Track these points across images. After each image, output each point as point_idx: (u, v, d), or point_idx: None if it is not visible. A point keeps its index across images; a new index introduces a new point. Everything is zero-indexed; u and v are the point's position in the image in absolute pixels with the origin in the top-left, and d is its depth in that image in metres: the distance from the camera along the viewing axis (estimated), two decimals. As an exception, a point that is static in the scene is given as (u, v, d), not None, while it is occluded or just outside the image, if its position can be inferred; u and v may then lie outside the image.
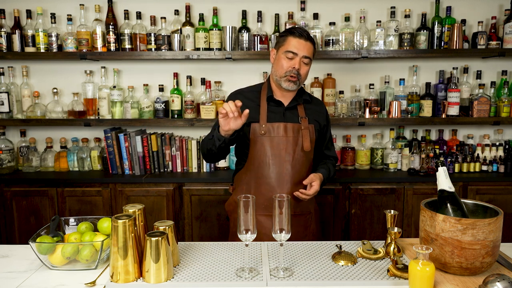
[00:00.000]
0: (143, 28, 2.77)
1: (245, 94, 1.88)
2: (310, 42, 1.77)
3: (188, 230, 2.65)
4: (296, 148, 1.79)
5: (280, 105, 1.85)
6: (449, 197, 1.32)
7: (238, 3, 2.84)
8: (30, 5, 2.79)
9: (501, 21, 2.77)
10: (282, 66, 1.78)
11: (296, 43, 1.75)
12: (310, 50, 1.78)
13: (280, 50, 1.80)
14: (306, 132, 1.81)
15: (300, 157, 1.80)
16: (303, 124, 1.82)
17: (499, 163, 2.75)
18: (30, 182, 2.62)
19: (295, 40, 1.75)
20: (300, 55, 1.75)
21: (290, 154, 1.78)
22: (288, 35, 1.78)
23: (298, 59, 1.75)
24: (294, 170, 1.78)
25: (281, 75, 1.78)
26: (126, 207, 1.33)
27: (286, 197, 1.25)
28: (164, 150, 2.79)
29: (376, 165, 2.84)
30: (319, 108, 1.95)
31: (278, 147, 1.77)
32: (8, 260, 1.42)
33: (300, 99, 1.88)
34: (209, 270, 1.31)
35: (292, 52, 1.75)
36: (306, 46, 1.76)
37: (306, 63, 1.79)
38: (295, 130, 1.80)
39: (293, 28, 1.80)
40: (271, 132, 1.78)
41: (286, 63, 1.77)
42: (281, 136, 1.78)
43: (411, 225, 2.62)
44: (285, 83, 1.78)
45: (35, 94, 2.80)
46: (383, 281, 1.24)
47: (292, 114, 1.84)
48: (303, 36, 1.75)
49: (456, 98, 2.74)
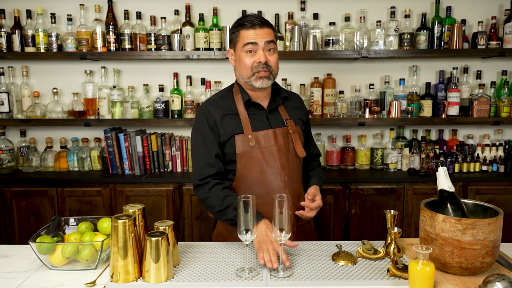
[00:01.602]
0: (143, 28, 2.77)
1: (218, 102, 1.63)
2: (267, 27, 1.52)
3: (188, 230, 2.65)
4: (290, 156, 1.59)
5: (261, 109, 1.62)
6: (449, 197, 1.32)
7: (238, 3, 2.84)
8: (30, 5, 2.79)
9: (501, 21, 2.77)
10: (245, 65, 1.54)
11: (252, 34, 1.51)
12: (270, 34, 1.53)
13: (237, 47, 1.56)
14: (296, 136, 1.62)
15: (294, 165, 1.61)
16: (291, 127, 1.62)
17: (499, 163, 2.75)
18: (30, 182, 2.62)
19: (250, 31, 1.51)
20: (260, 43, 1.51)
21: (285, 165, 1.57)
22: (240, 29, 1.54)
23: (260, 50, 1.51)
24: (291, 182, 1.58)
25: (249, 75, 1.54)
26: (126, 207, 1.33)
27: (286, 197, 1.24)
28: (164, 150, 2.79)
29: (376, 165, 2.84)
30: (298, 103, 1.75)
31: (272, 159, 1.55)
32: (8, 260, 1.42)
33: (279, 98, 1.66)
34: (209, 270, 1.31)
35: (251, 42, 1.51)
36: (263, 32, 1.51)
37: (272, 49, 1.54)
38: (284, 136, 1.59)
39: (242, 19, 1.55)
40: (260, 142, 1.55)
41: (249, 59, 1.53)
42: (272, 145, 1.56)
43: (411, 225, 2.62)
44: (257, 82, 1.54)
45: (35, 94, 2.80)
46: (383, 281, 1.24)
47: (275, 117, 1.63)
48: (256, 23, 1.51)
49: (456, 98, 2.74)
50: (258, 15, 1.57)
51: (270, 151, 1.56)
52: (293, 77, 2.89)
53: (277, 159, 1.56)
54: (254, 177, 1.56)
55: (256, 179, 1.56)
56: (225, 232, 1.64)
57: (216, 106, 1.62)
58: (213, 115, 1.60)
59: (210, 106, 1.63)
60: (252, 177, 1.56)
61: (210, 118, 1.60)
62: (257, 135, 1.56)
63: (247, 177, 1.57)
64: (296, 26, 2.68)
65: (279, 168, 1.56)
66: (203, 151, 1.59)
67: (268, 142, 1.56)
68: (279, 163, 1.56)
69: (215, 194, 1.53)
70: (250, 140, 1.55)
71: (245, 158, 1.56)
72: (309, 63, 2.92)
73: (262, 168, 1.55)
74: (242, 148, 1.55)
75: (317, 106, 2.78)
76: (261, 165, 1.55)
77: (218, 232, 1.69)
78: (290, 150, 1.60)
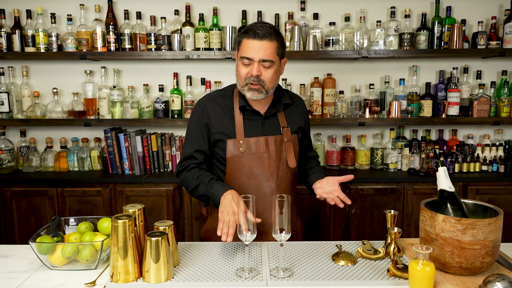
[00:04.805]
0: (143, 28, 2.77)
1: (217, 101, 1.63)
2: (267, 40, 1.48)
3: (188, 230, 2.65)
4: (280, 165, 1.59)
5: (257, 114, 1.61)
6: (449, 197, 1.32)
7: (238, 3, 2.84)
8: (30, 5, 2.79)
9: (501, 21, 2.77)
10: (240, 74, 1.53)
11: (250, 46, 1.48)
12: (269, 51, 1.48)
13: (238, 55, 1.56)
14: (290, 145, 1.61)
15: (284, 174, 1.61)
16: (286, 136, 1.60)
17: (499, 163, 2.75)
18: (30, 182, 2.62)
19: (249, 42, 1.49)
20: (256, 59, 1.48)
21: (274, 173, 1.57)
22: (243, 38, 1.52)
23: (255, 63, 1.49)
24: (279, 190, 1.58)
25: (242, 84, 1.53)
26: (126, 207, 1.33)
27: (286, 197, 1.25)
28: (164, 150, 2.78)
29: (376, 165, 2.84)
30: (300, 109, 1.74)
31: (261, 165, 1.56)
32: (8, 260, 1.42)
33: (279, 105, 1.64)
34: (209, 270, 1.31)
35: (247, 58, 1.49)
36: (262, 47, 1.47)
37: (266, 66, 1.50)
38: (277, 144, 1.59)
39: (248, 27, 1.52)
40: (251, 148, 1.55)
41: (243, 70, 1.52)
42: (263, 152, 1.56)
43: (411, 225, 2.62)
44: (248, 92, 1.53)
45: (35, 94, 2.80)
46: (383, 281, 1.24)
47: (272, 123, 1.62)
48: (257, 36, 1.47)
49: (456, 98, 2.74)
50: (265, 25, 1.52)
51: (260, 158, 1.57)
52: (293, 77, 2.89)
53: (266, 166, 1.57)
54: (241, 182, 1.57)
55: (244, 183, 1.57)
56: (212, 230, 1.63)
57: (213, 103, 1.63)
58: (209, 112, 1.62)
59: (208, 102, 1.64)
60: (240, 181, 1.57)
61: (205, 114, 1.62)
62: (248, 141, 1.56)
63: (235, 181, 1.58)
64: (296, 26, 2.68)
65: (267, 175, 1.57)
66: (187, 145, 1.64)
67: (259, 149, 1.57)
68: (268, 170, 1.57)
69: (191, 174, 1.58)
70: (241, 145, 1.56)
71: (234, 163, 1.57)
72: (309, 63, 2.92)
73: (251, 174, 1.57)
74: (232, 152, 1.56)
75: (317, 106, 2.78)
76: (250, 170, 1.57)
77: (206, 230, 1.72)
78: (282, 159, 1.60)
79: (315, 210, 2.62)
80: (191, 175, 1.57)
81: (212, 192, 1.49)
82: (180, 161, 1.65)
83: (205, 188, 1.52)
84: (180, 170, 1.63)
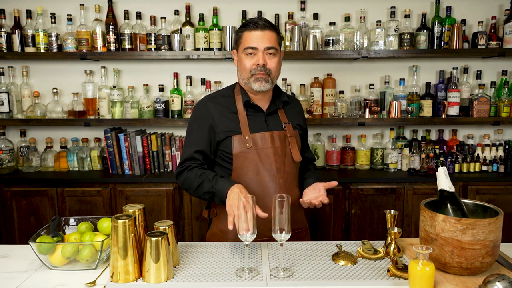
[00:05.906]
0: (143, 28, 2.77)
1: (218, 101, 1.65)
2: (269, 30, 1.56)
3: (188, 230, 2.65)
4: (286, 160, 1.61)
5: (260, 111, 1.64)
6: (449, 197, 1.32)
7: (238, 3, 2.84)
8: (30, 5, 2.79)
9: (501, 21, 2.77)
10: (245, 67, 1.57)
11: (254, 37, 1.54)
12: (272, 39, 1.56)
13: (239, 49, 1.60)
14: (293, 140, 1.63)
15: (290, 169, 1.62)
16: (288, 131, 1.64)
17: (499, 163, 2.75)
18: (30, 182, 2.62)
19: (252, 33, 1.55)
20: (261, 48, 1.54)
21: (281, 168, 1.59)
22: (243, 31, 1.58)
23: (260, 53, 1.54)
24: (286, 185, 1.59)
25: (248, 76, 1.57)
26: (126, 207, 1.33)
27: (286, 197, 1.25)
28: (164, 150, 2.78)
29: (376, 165, 2.84)
30: (298, 109, 1.79)
31: (267, 161, 1.57)
32: (8, 260, 1.42)
33: (279, 102, 1.68)
34: (209, 270, 1.31)
35: (251, 47, 1.54)
36: (265, 36, 1.54)
37: (272, 53, 1.56)
38: (281, 139, 1.61)
39: (247, 21, 1.59)
40: (257, 144, 1.57)
41: (249, 61, 1.56)
42: (269, 148, 1.57)
43: (411, 225, 2.62)
44: (255, 84, 1.56)
45: (35, 94, 2.80)
46: (383, 281, 1.24)
47: (274, 120, 1.65)
48: (259, 26, 1.54)
49: (456, 98, 2.74)
50: (263, 18, 1.60)
51: (266, 153, 1.58)
52: (293, 77, 2.89)
53: (272, 161, 1.58)
54: (249, 178, 1.57)
55: (251, 179, 1.57)
56: (219, 233, 1.65)
57: (215, 103, 1.64)
58: (211, 112, 1.62)
59: (209, 102, 1.65)
60: (248, 177, 1.57)
61: (207, 115, 1.62)
62: (254, 137, 1.58)
63: (243, 177, 1.58)
64: (296, 26, 2.68)
65: (274, 170, 1.58)
66: (187, 146, 1.64)
67: (265, 144, 1.58)
68: (274, 166, 1.58)
69: (192, 173, 1.57)
70: (247, 141, 1.56)
71: (241, 159, 1.57)
72: (309, 63, 2.92)
73: (258, 169, 1.57)
74: (239, 148, 1.57)
75: (317, 106, 2.78)
76: (256, 166, 1.57)
77: (212, 233, 1.69)
78: (286, 154, 1.62)
79: (315, 210, 2.62)
80: (193, 174, 1.57)
81: (217, 187, 1.49)
82: (180, 163, 1.64)
83: (210, 184, 1.51)
84: (180, 171, 1.62)
